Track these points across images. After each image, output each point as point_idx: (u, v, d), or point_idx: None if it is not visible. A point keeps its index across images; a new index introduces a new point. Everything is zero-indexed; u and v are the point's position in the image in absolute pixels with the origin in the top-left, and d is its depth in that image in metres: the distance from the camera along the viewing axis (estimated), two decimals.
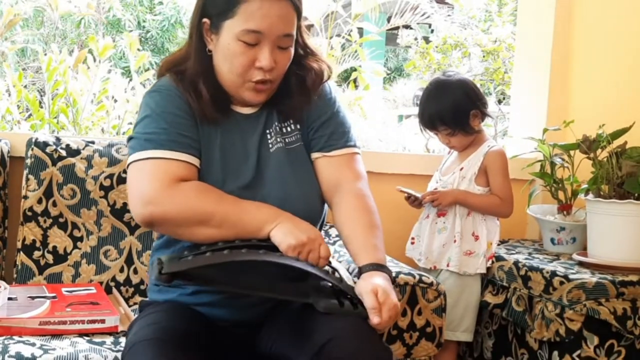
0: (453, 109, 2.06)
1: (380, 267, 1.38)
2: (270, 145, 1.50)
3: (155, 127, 1.41)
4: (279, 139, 1.51)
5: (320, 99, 1.54)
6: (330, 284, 1.35)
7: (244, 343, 1.47)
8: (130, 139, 1.45)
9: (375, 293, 1.30)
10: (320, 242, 1.37)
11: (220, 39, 1.42)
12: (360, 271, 1.39)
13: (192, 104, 1.45)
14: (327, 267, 1.39)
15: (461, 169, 2.14)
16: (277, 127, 1.52)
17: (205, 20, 1.43)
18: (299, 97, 1.51)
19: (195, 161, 1.42)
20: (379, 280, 1.34)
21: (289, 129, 1.54)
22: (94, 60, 2.69)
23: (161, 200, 1.35)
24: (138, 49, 2.81)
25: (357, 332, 1.28)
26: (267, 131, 1.51)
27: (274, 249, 1.36)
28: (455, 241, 2.08)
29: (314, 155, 1.53)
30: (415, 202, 2.14)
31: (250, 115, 1.52)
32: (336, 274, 1.38)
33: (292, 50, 1.46)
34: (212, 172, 1.45)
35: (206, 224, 1.35)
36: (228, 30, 1.39)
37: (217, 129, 1.48)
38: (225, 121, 1.49)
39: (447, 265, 2.08)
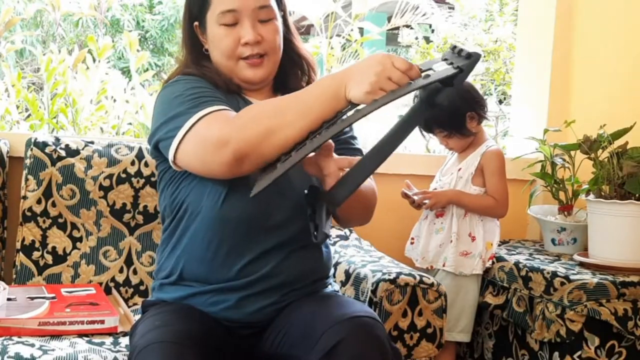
0: (448, 111, 2.05)
1: None
2: None
3: (190, 100, 1.39)
4: None
5: None
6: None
7: (247, 344, 1.46)
8: (163, 123, 1.41)
9: None
10: (391, 61, 1.24)
11: (208, 33, 1.51)
12: None
13: (213, 79, 1.48)
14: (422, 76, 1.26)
15: (459, 169, 2.14)
16: None
17: (195, 23, 1.53)
18: (302, 77, 1.58)
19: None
20: None
21: None
22: (93, 60, 2.68)
23: (229, 134, 1.30)
24: (137, 49, 2.81)
25: (367, 333, 1.27)
26: None
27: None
28: (451, 241, 2.08)
29: None
30: (413, 203, 2.14)
31: None
32: (430, 72, 1.26)
33: (278, 24, 1.51)
34: None
35: (281, 124, 1.27)
36: (210, 21, 1.49)
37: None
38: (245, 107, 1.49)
39: (443, 265, 2.08)
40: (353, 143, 1.59)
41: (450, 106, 2.06)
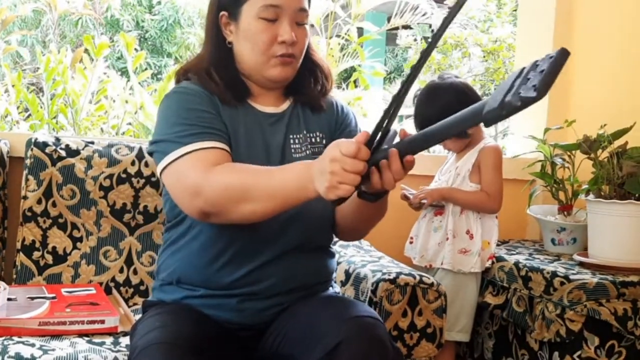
0: (444, 113, 2.03)
1: None
2: (293, 151, 1.50)
3: (182, 124, 1.41)
4: (304, 148, 1.51)
5: (343, 111, 1.60)
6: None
7: (247, 345, 1.46)
8: (154, 142, 1.44)
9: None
10: (343, 167, 1.17)
11: (240, 24, 1.47)
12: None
13: (210, 89, 1.47)
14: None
15: (457, 167, 2.14)
16: (304, 136, 1.52)
17: (223, 13, 1.49)
18: (315, 85, 1.55)
19: (226, 147, 1.41)
20: None
21: (317, 139, 1.54)
22: (91, 60, 2.68)
23: (202, 188, 1.32)
24: (135, 49, 2.80)
25: (368, 333, 1.27)
26: (291, 136, 1.51)
27: None
28: (447, 239, 2.08)
29: None
30: (412, 205, 2.15)
31: (273, 114, 1.52)
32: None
33: (308, 30, 1.50)
34: (240, 161, 1.43)
35: (247, 199, 1.29)
36: (247, 12, 1.45)
37: (240, 123, 1.48)
38: (247, 116, 1.49)
39: (442, 263, 2.08)
40: None
41: (446, 108, 2.06)
